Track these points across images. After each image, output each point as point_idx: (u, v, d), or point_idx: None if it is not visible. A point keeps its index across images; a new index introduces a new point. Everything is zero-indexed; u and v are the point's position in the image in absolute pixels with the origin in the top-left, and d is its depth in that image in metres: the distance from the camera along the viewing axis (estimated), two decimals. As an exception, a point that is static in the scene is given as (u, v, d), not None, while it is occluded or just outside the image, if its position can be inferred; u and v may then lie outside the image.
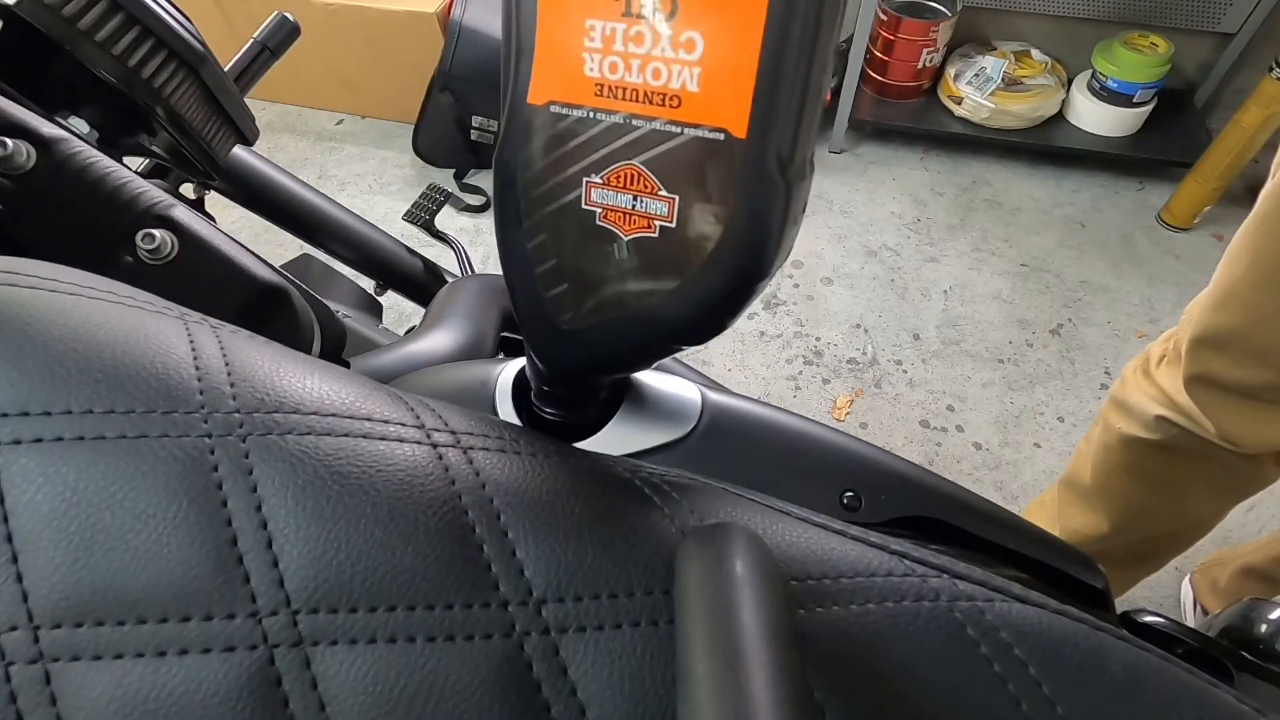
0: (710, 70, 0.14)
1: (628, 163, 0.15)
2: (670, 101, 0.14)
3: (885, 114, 1.85)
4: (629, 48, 0.14)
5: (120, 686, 0.13)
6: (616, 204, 0.15)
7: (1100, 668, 0.17)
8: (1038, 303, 1.57)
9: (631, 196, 0.15)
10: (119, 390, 0.16)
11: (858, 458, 0.27)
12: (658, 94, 0.14)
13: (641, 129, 0.15)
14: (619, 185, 0.15)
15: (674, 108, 0.14)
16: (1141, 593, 1.16)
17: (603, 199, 0.16)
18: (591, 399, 0.24)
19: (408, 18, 1.74)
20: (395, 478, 0.16)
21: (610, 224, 0.16)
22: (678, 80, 0.14)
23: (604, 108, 0.15)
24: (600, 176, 0.15)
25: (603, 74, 0.15)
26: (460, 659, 0.15)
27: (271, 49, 0.51)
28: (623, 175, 0.15)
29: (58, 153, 0.28)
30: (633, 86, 0.15)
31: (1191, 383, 0.70)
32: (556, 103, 0.15)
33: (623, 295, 0.16)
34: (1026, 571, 0.28)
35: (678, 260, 0.15)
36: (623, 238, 0.16)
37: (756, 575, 0.15)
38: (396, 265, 0.68)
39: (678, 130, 0.14)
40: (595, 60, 0.15)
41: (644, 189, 0.15)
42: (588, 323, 0.17)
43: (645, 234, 0.15)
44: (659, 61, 0.14)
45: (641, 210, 0.15)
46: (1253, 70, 1.61)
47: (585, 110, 0.15)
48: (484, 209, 1.77)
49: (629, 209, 0.15)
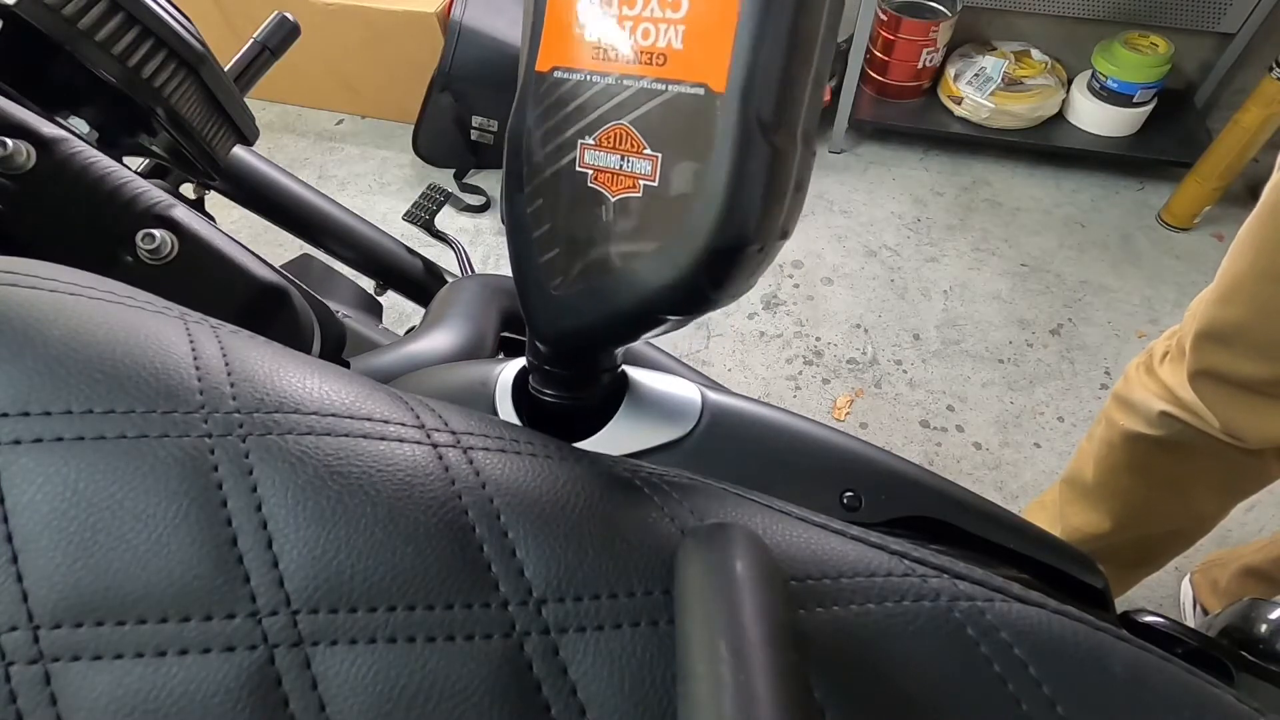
0: (693, 27, 0.14)
1: (617, 123, 0.15)
2: (657, 60, 0.15)
3: (885, 114, 1.85)
4: (621, 10, 0.15)
5: (120, 686, 0.13)
6: (606, 165, 0.16)
7: (1100, 668, 0.17)
8: (1038, 303, 1.57)
9: (620, 156, 0.15)
10: (119, 390, 0.16)
11: (858, 458, 0.27)
12: (645, 53, 0.15)
13: (630, 88, 0.15)
14: (609, 145, 0.16)
15: (660, 65, 0.15)
16: (1141, 593, 1.16)
17: (594, 160, 0.16)
18: (590, 379, 0.23)
19: (408, 18, 1.74)
20: (395, 478, 0.16)
21: (600, 185, 0.16)
22: (664, 39, 0.15)
23: (599, 70, 0.15)
24: (593, 138, 0.16)
25: (600, 38, 0.15)
26: (460, 659, 0.15)
27: (271, 49, 0.51)
28: (613, 135, 0.15)
29: (58, 153, 0.28)
30: (623, 48, 0.15)
31: (1196, 377, 0.70)
32: (559, 68, 0.16)
33: (608, 258, 0.16)
34: (1026, 571, 0.28)
35: (660, 220, 0.15)
36: (610, 199, 0.16)
37: (756, 575, 0.15)
38: (396, 265, 0.68)
39: (663, 87, 0.15)
40: (595, 25, 0.15)
41: (631, 148, 0.15)
42: (576, 288, 0.17)
43: (631, 194, 0.15)
44: (648, 22, 0.15)
45: (628, 170, 0.15)
46: (1253, 70, 1.61)
47: (583, 73, 0.16)
48: (484, 209, 1.77)
49: (616, 169, 0.16)
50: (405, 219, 0.77)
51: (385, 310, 0.76)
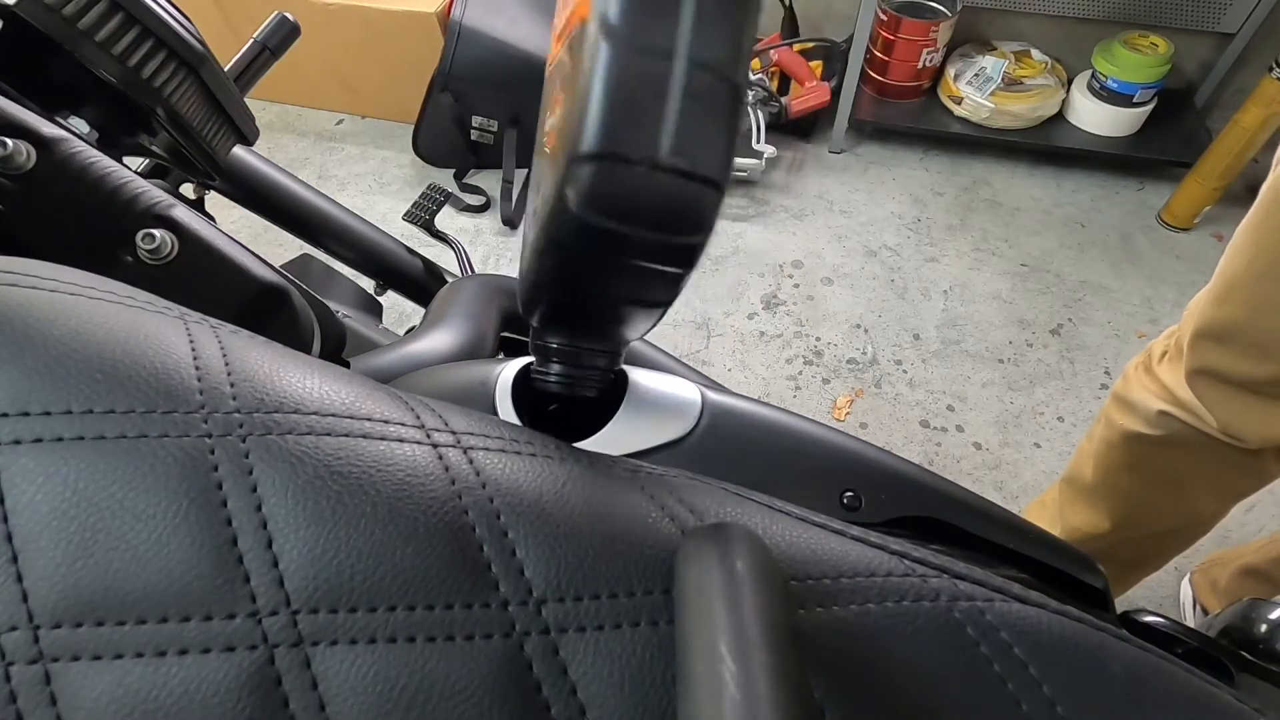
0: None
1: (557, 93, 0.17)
2: (569, 22, 0.17)
3: (885, 114, 1.85)
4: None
5: (120, 686, 0.13)
6: (548, 126, 0.18)
7: (1100, 668, 0.17)
8: (1038, 303, 1.57)
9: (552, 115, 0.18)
10: (119, 390, 0.16)
11: (858, 458, 0.27)
12: (566, 22, 0.17)
13: (561, 56, 0.18)
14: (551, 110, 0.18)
15: (568, 25, 0.17)
16: (1141, 593, 1.16)
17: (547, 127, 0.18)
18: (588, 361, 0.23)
19: (408, 18, 1.74)
20: (395, 478, 0.16)
21: (547, 147, 0.18)
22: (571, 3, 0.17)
23: (553, 59, 0.18)
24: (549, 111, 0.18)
25: (560, 23, 0.18)
26: (460, 659, 0.15)
27: (271, 49, 0.51)
28: (554, 100, 0.18)
29: (58, 153, 0.28)
30: (564, 24, 0.17)
31: (1194, 376, 0.70)
32: (549, 65, 0.19)
33: (537, 209, 0.18)
34: (1026, 571, 0.28)
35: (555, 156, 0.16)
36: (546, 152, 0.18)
37: (756, 575, 0.15)
38: (396, 265, 0.68)
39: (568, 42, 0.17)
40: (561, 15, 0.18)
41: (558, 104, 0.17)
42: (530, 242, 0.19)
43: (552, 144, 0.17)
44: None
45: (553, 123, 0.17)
46: (1253, 70, 1.61)
47: (551, 65, 0.19)
48: (484, 209, 1.77)
49: (550, 128, 0.18)
50: (405, 219, 0.77)
51: (385, 310, 0.76)
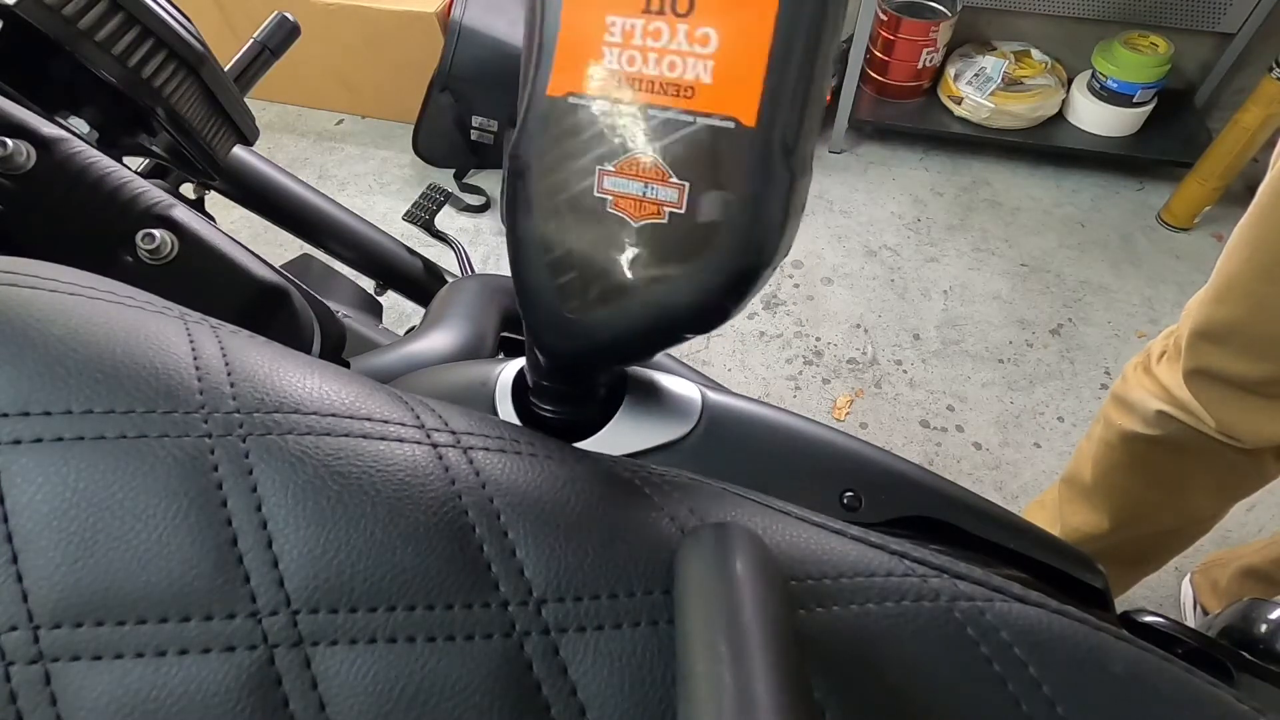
0: (723, 63, 0.15)
1: (641, 152, 0.16)
2: (685, 92, 0.15)
3: (885, 114, 1.85)
4: (648, 42, 0.15)
5: (120, 686, 0.13)
6: (628, 191, 0.16)
7: (1100, 668, 0.17)
8: (1038, 303, 1.57)
9: (643, 184, 0.16)
10: (119, 390, 0.16)
11: (858, 458, 0.27)
12: (673, 85, 0.15)
13: (656, 118, 0.15)
14: (631, 173, 0.16)
15: (688, 98, 0.15)
16: (1141, 593, 1.16)
17: (615, 186, 0.16)
18: (590, 395, 0.24)
19: (408, 18, 1.74)
20: (395, 478, 0.16)
21: (621, 211, 0.16)
22: (692, 72, 0.15)
23: (620, 99, 0.16)
24: (613, 165, 0.16)
25: (621, 66, 0.16)
26: (460, 659, 0.15)
27: (271, 49, 0.51)
28: (635, 164, 0.16)
29: (58, 153, 0.28)
30: (649, 78, 0.15)
31: (1191, 376, 0.70)
32: (575, 94, 0.16)
33: (630, 282, 0.16)
34: (1026, 571, 0.28)
35: (685, 246, 0.16)
36: (632, 224, 0.16)
37: (756, 575, 0.15)
38: (396, 265, 0.68)
39: (690, 119, 0.15)
40: (615, 54, 0.16)
41: (655, 176, 0.16)
42: (594, 310, 0.17)
43: (654, 220, 0.16)
44: (675, 55, 0.15)
45: (652, 197, 0.16)
46: (1253, 70, 1.61)
47: (604, 101, 0.16)
48: (484, 209, 1.77)
49: (640, 196, 0.16)
50: (405, 219, 0.77)
51: (385, 310, 0.76)
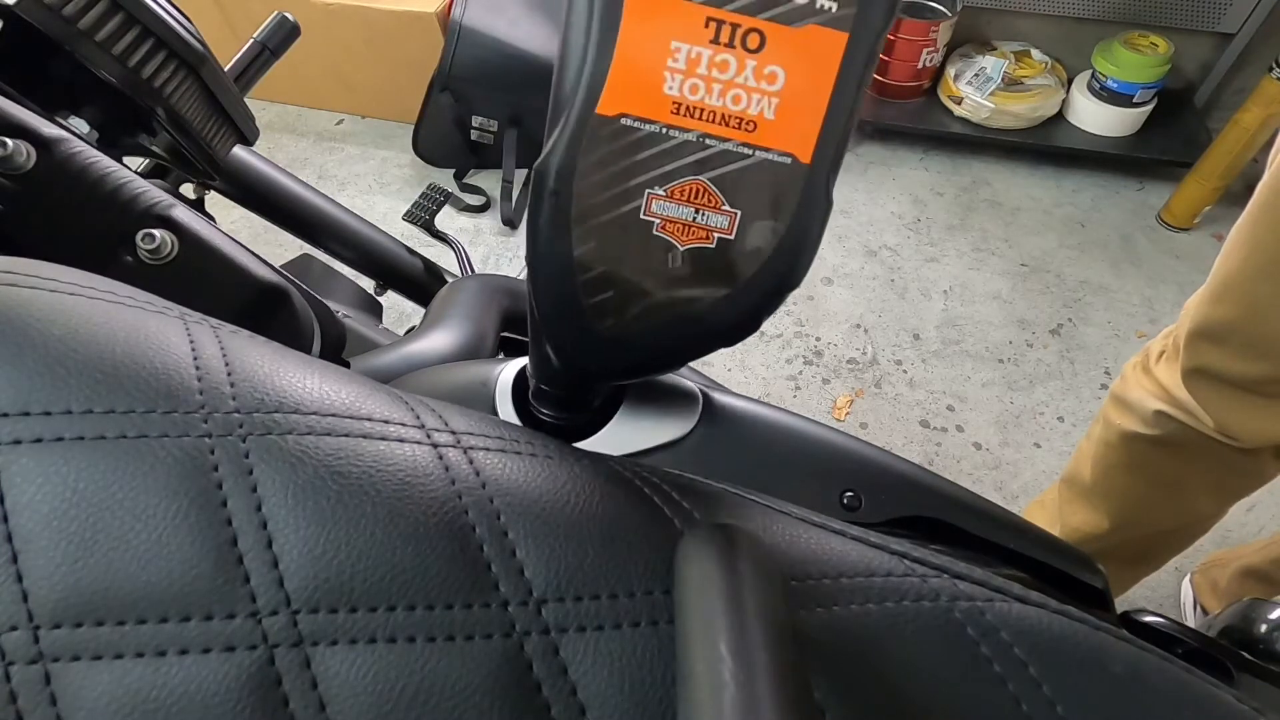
0: (788, 101, 0.15)
1: (695, 178, 0.16)
2: (746, 126, 0.15)
3: (885, 114, 1.85)
4: (713, 73, 0.15)
5: (120, 686, 0.13)
6: (677, 216, 0.16)
7: (1100, 668, 0.17)
8: (1038, 303, 1.57)
9: (694, 210, 0.16)
10: (119, 390, 0.16)
11: (858, 458, 0.27)
12: (735, 118, 0.15)
13: (714, 148, 0.16)
14: (682, 199, 0.16)
15: (749, 132, 0.15)
16: (1141, 593, 1.16)
17: (663, 210, 0.16)
18: (591, 403, 0.24)
19: (408, 18, 1.74)
20: (395, 478, 0.16)
21: (667, 234, 0.16)
22: (756, 107, 0.15)
23: (679, 125, 0.16)
24: (664, 190, 0.16)
25: (682, 93, 0.15)
26: (460, 659, 0.15)
27: (271, 49, 0.51)
28: (688, 190, 0.16)
29: (58, 153, 0.28)
30: (711, 109, 0.15)
31: (1189, 376, 0.70)
32: (629, 115, 0.16)
33: (669, 301, 0.17)
34: (1026, 571, 0.28)
35: (730, 270, 0.16)
36: (679, 248, 0.16)
37: (756, 575, 0.15)
38: (396, 265, 0.68)
39: (749, 152, 0.16)
40: (676, 80, 0.15)
41: (708, 203, 0.16)
42: (630, 329, 0.17)
43: (703, 244, 0.16)
44: (740, 89, 0.15)
45: (702, 223, 0.16)
46: (1253, 70, 1.61)
47: (659, 126, 0.16)
48: (484, 209, 1.77)
49: (689, 221, 0.16)
50: (405, 219, 0.77)
51: (385, 310, 0.76)
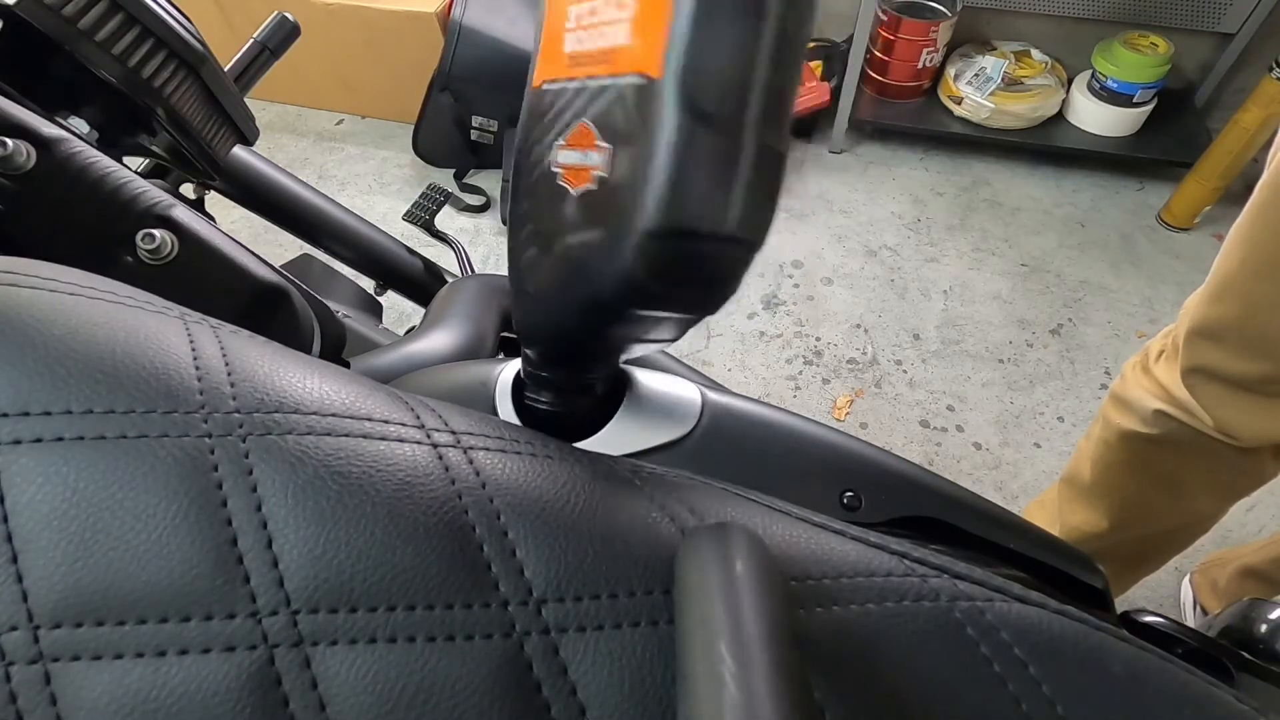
0: (636, 21, 0.15)
1: (581, 120, 0.16)
2: (610, 57, 0.15)
3: (885, 114, 1.85)
4: (592, 20, 0.16)
5: (120, 686, 0.13)
6: (570, 161, 0.16)
7: (1100, 668, 0.17)
8: (1038, 303, 1.57)
9: (580, 152, 0.16)
10: (119, 390, 0.16)
11: (858, 458, 0.27)
12: (603, 54, 0.16)
13: (590, 86, 0.16)
14: (574, 143, 0.16)
15: (612, 62, 0.15)
16: (1141, 593, 1.16)
17: (564, 159, 0.17)
18: (583, 388, 0.23)
19: (408, 18, 1.74)
20: (395, 478, 0.16)
21: (566, 182, 0.16)
22: (614, 37, 0.15)
23: (573, 75, 0.17)
24: (564, 139, 0.17)
25: (574, 48, 0.16)
26: (460, 659, 0.15)
27: (271, 49, 0.51)
28: (577, 134, 0.16)
29: (58, 153, 0.28)
30: (589, 53, 0.16)
31: (1188, 375, 0.70)
32: (547, 81, 0.17)
33: (567, 250, 0.16)
34: (1026, 571, 0.28)
35: (605, 208, 0.15)
36: (572, 192, 0.16)
37: (757, 575, 0.15)
38: (396, 265, 0.68)
39: (611, 81, 0.15)
40: (572, 39, 0.17)
41: (589, 143, 0.16)
42: (545, 283, 0.17)
43: (588, 186, 0.16)
44: (604, 24, 0.16)
45: (586, 164, 0.16)
46: (1253, 70, 1.61)
47: (562, 83, 0.17)
48: (484, 209, 1.77)
49: (578, 165, 0.16)
50: (405, 219, 0.77)
51: (385, 310, 0.76)
